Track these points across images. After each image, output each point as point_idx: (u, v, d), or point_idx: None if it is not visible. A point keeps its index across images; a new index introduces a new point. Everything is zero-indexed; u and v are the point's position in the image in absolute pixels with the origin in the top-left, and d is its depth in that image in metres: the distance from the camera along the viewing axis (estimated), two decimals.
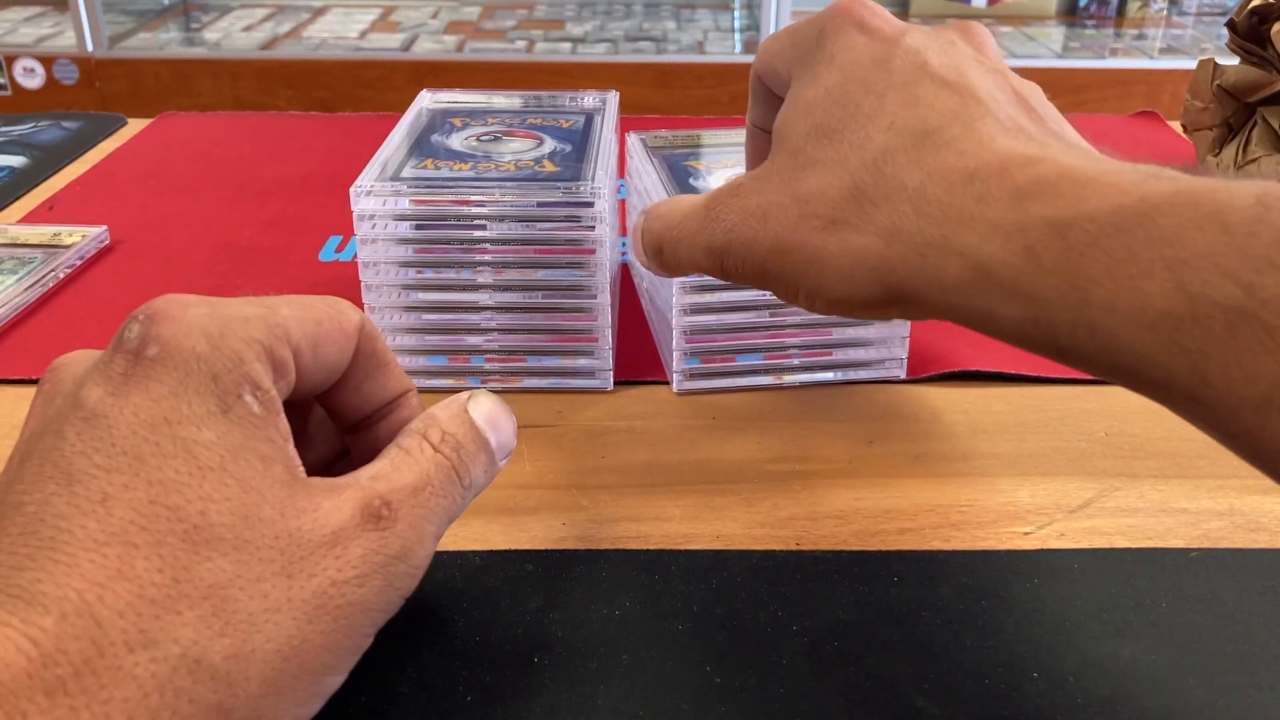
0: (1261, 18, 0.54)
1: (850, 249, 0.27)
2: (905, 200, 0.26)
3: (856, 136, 0.27)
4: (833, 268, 0.27)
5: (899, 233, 0.26)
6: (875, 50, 0.29)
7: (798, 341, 0.43)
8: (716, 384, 0.43)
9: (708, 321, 0.42)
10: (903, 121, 0.27)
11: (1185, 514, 0.36)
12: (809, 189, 0.28)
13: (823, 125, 0.28)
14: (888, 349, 0.43)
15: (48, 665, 0.20)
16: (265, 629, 0.22)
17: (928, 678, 0.29)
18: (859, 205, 0.27)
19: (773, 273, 0.29)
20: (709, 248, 0.31)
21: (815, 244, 0.27)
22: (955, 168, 0.25)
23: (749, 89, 0.35)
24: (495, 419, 0.29)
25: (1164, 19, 2.18)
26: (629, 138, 0.49)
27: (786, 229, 0.28)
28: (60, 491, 0.22)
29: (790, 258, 0.28)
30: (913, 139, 0.26)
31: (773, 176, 0.29)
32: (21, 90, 1.91)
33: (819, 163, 0.28)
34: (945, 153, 0.26)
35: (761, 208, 0.29)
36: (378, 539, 0.24)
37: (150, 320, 0.24)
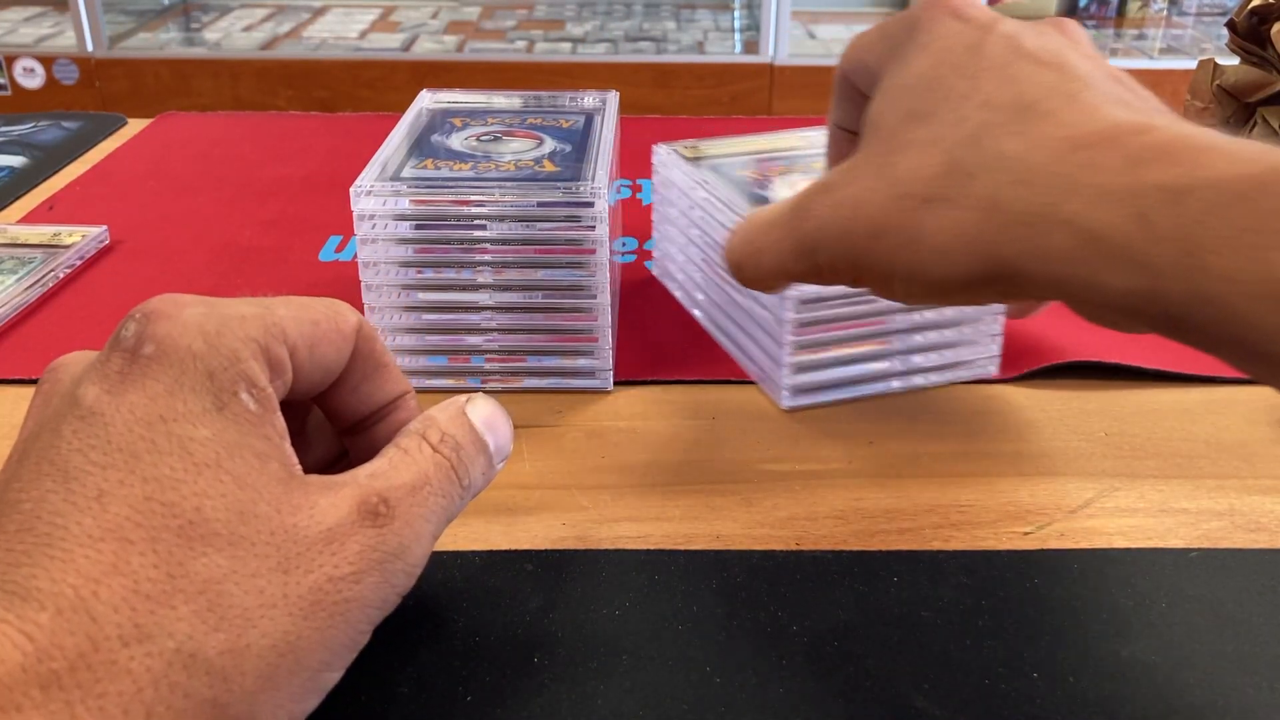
0: (1261, 18, 0.54)
1: (948, 224, 0.26)
2: (1005, 170, 0.25)
3: (951, 115, 0.27)
4: (929, 246, 0.26)
5: (999, 203, 0.25)
6: (968, 36, 0.28)
7: (900, 348, 0.42)
8: (824, 398, 0.42)
9: (815, 335, 0.41)
10: (999, 97, 0.26)
11: (1185, 514, 0.36)
12: (902, 170, 0.27)
13: (916, 110, 0.28)
14: (981, 349, 0.43)
15: (43, 660, 0.20)
16: (261, 624, 0.22)
17: (928, 678, 0.29)
18: (956, 179, 0.26)
19: (866, 261, 0.28)
20: (799, 248, 0.30)
21: (911, 224, 0.26)
22: (1059, 136, 0.24)
23: (833, 88, 0.34)
24: (493, 422, 0.29)
25: (1164, 19, 2.18)
26: (657, 150, 0.49)
27: (881, 213, 0.27)
28: (57, 489, 0.22)
29: (885, 242, 0.27)
30: (1012, 112, 0.26)
31: (863, 165, 0.29)
32: (21, 90, 1.91)
33: (912, 144, 0.27)
34: (1047, 123, 0.25)
35: (853, 197, 0.28)
36: (375, 536, 0.24)
37: (147, 319, 0.24)
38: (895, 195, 0.27)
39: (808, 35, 2.08)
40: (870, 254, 0.28)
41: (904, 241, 0.27)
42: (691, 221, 0.47)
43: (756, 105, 1.90)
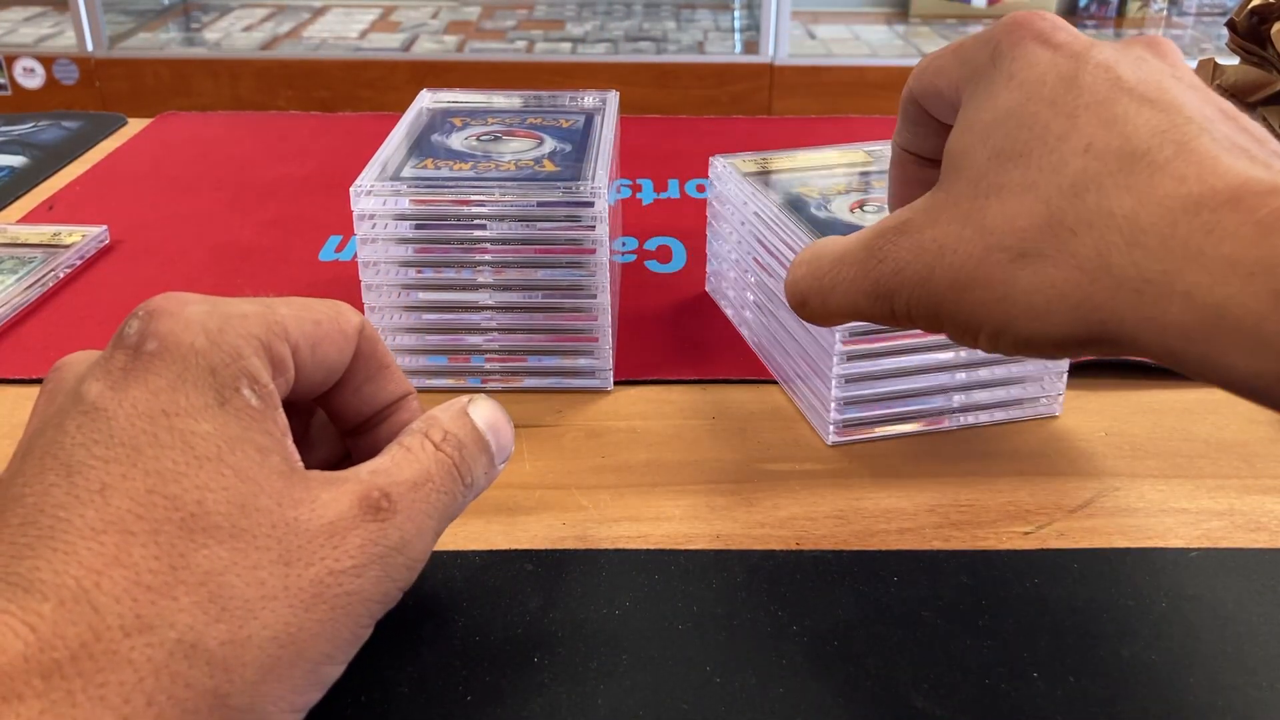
0: (1261, 18, 0.54)
1: (1045, 283, 0.24)
2: (1113, 229, 0.23)
3: (1048, 160, 0.25)
4: (1024, 304, 0.24)
5: (1107, 266, 0.23)
6: (1061, 66, 0.26)
7: (957, 383, 0.40)
8: (874, 434, 0.40)
9: (868, 368, 0.39)
10: (1103, 142, 0.24)
11: (1185, 514, 0.36)
12: (994, 219, 0.25)
13: (1006, 149, 0.26)
14: (1042, 386, 0.41)
15: (45, 650, 0.20)
16: (262, 615, 0.22)
17: (928, 678, 0.29)
18: (1055, 235, 0.24)
19: (949, 312, 0.26)
20: (875, 291, 0.28)
21: (1003, 278, 0.25)
22: (1175, 194, 0.22)
23: (899, 110, 0.32)
24: (495, 422, 0.29)
25: (1164, 19, 2.18)
26: (714, 162, 0.47)
27: (969, 264, 0.25)
28: (60, 482, 0.22)
29: (973, 295, 0.26)
30: (1118, 162, 0.23)
31: (947, 207, 0.27)
32: (21, 90, 1.91)
33: (1004, 189, 0.25)
34: (1160, 177, 0.23)
35: (937, 242, 0.26)
36: (376, 530, 0.24)
37: (149, 316, 0.24)
38: (985, 246, 0.25)
39: (808, 35, 2.08)
40: (954, 305, 0.26)
41: (995, 297, 0.25)
42: (743, 239, 0.45)
43: (756, 105, 1.90)
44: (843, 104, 1.85)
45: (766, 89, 1.90)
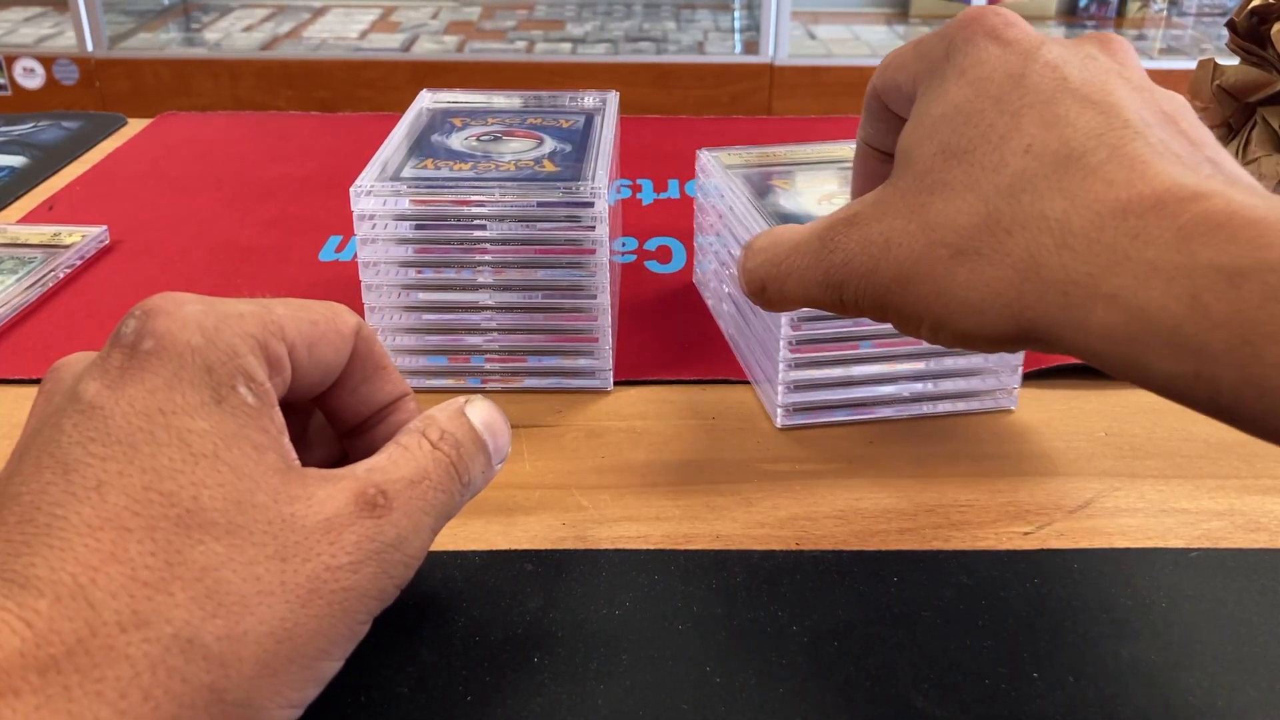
0: (1261, 18, 0.54)
1: (981, 281, 0.25)
2: (1045, 231, 0.24)
3: (990, 159, 0.25)
4: (960, 300, 0.25)
5: (1037, 266, 0.24)
6: (1010, 64, 0.26)
7: (908, 371, 0.40)
8: (821, 419, 0.41)
9: (814, 354, 0.39)
10: (1042, 143, 0.25)
11: (1185, 514, 0.36)
12: (936, 215, 0.26)
13: (951, 145, 0.26)
14: (998, 379, 0.41)
15: (41, 645, 0.20)
16: (258, 611, 0.22)
17: (928, 678, 0.29)
18: (992, 234, 0.25)
19: (893, 304, 0.27)
20: (825, 280, 0.29)
21: (942, 275, 0.26)
22: (1104, 198, 0.23)
23: (864, 105, 0.33)
24: (492, 422, 0.29)
25: (1164, 19, 2.18)
26: (701, 155, 0.48)
27: (911, 258, 0.26)
28: (56, 480, 0.22)
29: (915, 289, 0.26)
30: (1054, 164, 0.24)
31: (895, 201, 0.27)
32: (21, 90, 1.91)
33: (948, 186, 0.26)
34: (1092, 180, 0.23)
35: (883, 235, 0.27)
36: (373, 526, 0.24)
37: (146, 316, 0.24)
38: (927, 242, 0.26)
39: (808, 35, 2.08)
40: (898, 297, 0.27)
41: (934, 291, 0.26)
42: (720, 232, 0.46)
43: (756, 105, 1.90)
44: (842, 104, 1.85)
45: (766, 89, 1.90)
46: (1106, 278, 0.22)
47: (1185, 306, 0.21)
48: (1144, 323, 0.22)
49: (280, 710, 0.23)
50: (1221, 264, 0.21)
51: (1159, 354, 0.22)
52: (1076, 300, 0.23)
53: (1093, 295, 0.23)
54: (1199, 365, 0.21)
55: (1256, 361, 0.20)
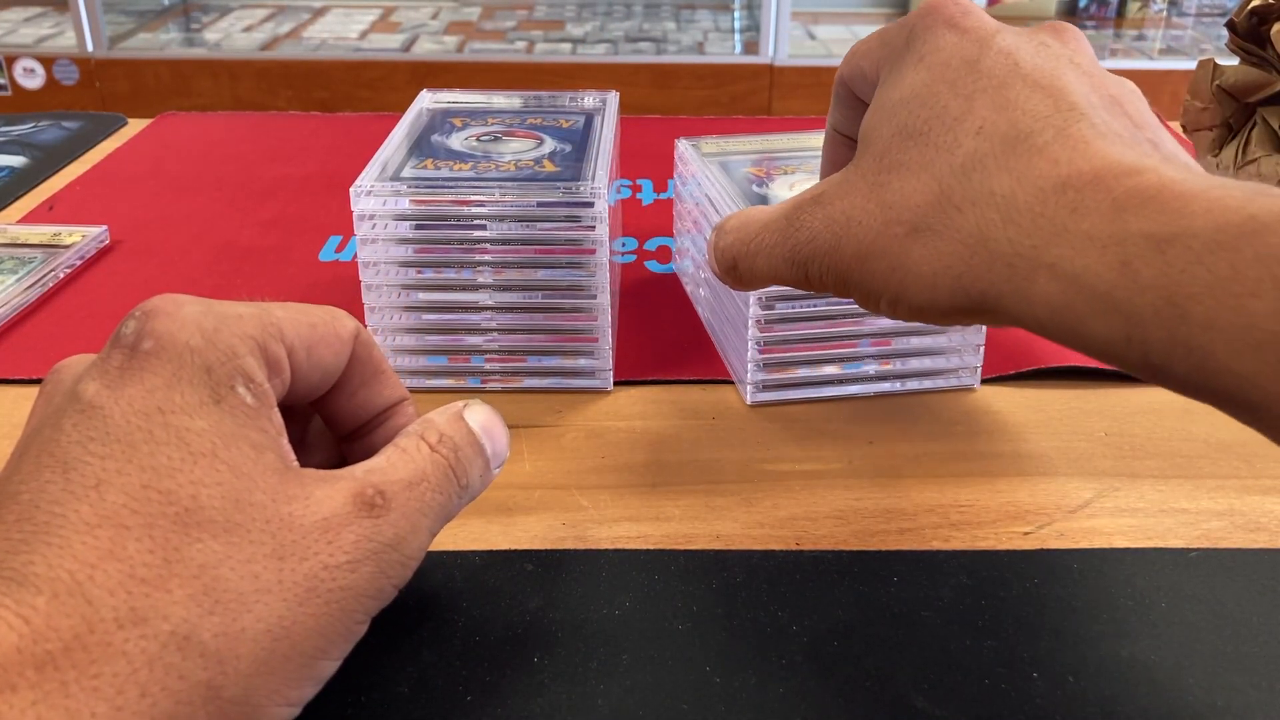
0: (1261, 18, 0.54)
1: (933, 256, 0.26)
2: (993, 208, 0.25)
3: (944, 140, 0.27)
4: (915, 274, 0.27)
5: (985, 241, 0.25)
6: (965, 50, 0.28)
7: (873, 351, 0.42)
8: (790, 395, 0.42)
9: (782, 333, 0.41)
10: (992, 125, 0.26)
11: (1185, 514, 0.36)
12: (893, 194, 0.27)
13: (909, 127, 0.28)
14: (960, 358, 0.43)
15: (38, 641, 0.20)
16: (255, 609, 0.22)
17: (928, 678, 0.29)
18: (944, 211, 0.26)
19: (854, 280, 0.28)
20: (792, 258, 0.30)
21: (897, 251, 0.27)
22: (1048, 175, 0.24)
23: (832, 93, 0.34)
24: (490, 426, 0.29)
25: (1163, 20, 2.18)
26: (678, 144, 0.49)
27: (869, 235, 0.28)
28: (55, 479, 0.22)
29: (872, 265, 0.28)
30: (1003, 144, 0.26)
31: (857, 182, 0.29)
32: (21, 90, 1.91)
33: (904, 166, 0.27)
34: (1037, 159, 0.25)
35: (845, 214, 0.28)
36: (370, 526, 0.24)
37: (146, 317, 0.25)
38: (885, 220, 0.27)
39: (807, 36, 2.08)
40: (859, 273, 0.28)
41: (890, 266, 0.27)
42: (697, 220, 0.47)
43: (756, 106, 1.90)
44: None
45: (766, 89, 1.90)
46: (1047, 249, 0.24)
47: (1116, 272, 0.22)
48: (1080, 289, 0.23)
49: (278, 708, 0.23)
50: (1150, 232, 0.22)
51: (1094, 319, 0.23)
52: (1021, 271, 0.24)
53: (1035, 266, 0.24)
54: (1130, 328, 0.22)
55: (1182, 321, 0.21)
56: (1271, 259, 0.20)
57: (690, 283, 0.51)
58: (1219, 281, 0.21)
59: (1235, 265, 0.21)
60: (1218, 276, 0.21)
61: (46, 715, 0.20)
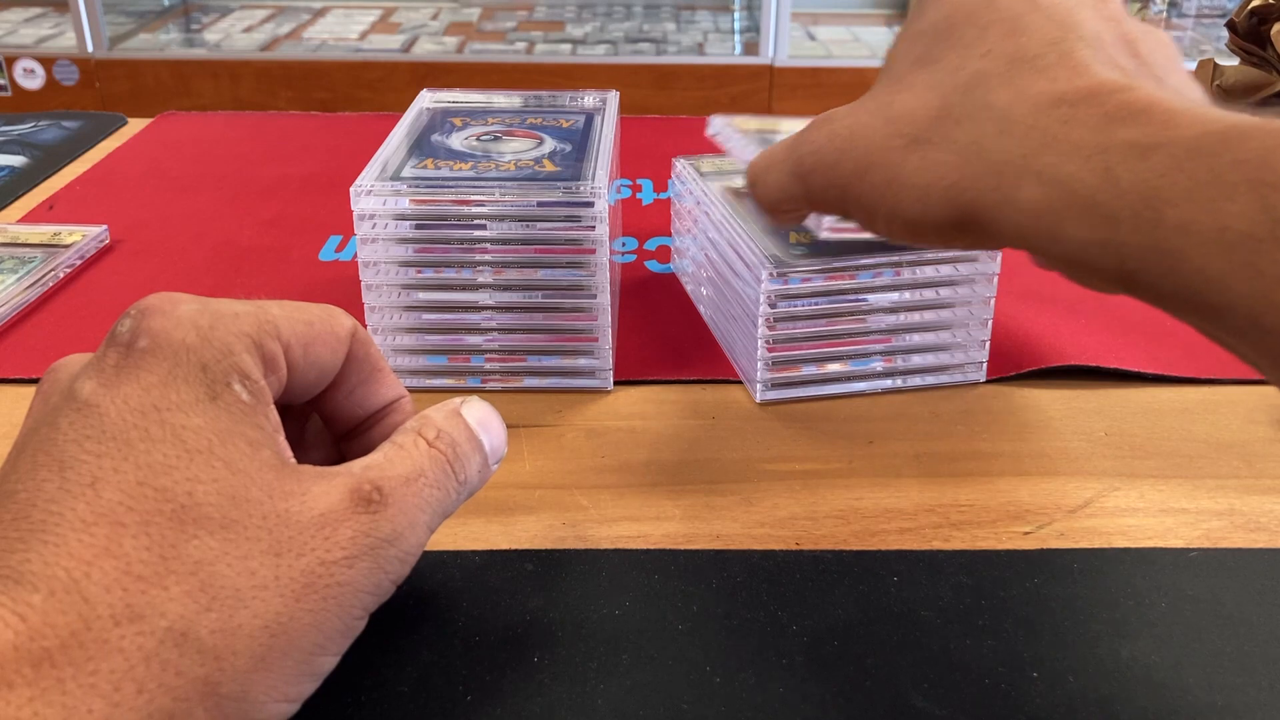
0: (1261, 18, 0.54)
1: (927, 165, 0.27)
2: (989, 120, 0.26)
3: (953, 62, 0.28)
4: (909, 185, 0.27)
5: (979, 150, 0.26)
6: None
7: (880, 348, 0.42)
8: (798, 393, 0.42)
9: (790, 330, 0.41)
10: (1000, 48, 0.27)
11: (1185, 514, 0.36)
12: (898, 109, 0.28)
13: (924, 55, 0.29)
14: (966, 354, 0.43)
15: (35, 639, 0.20)
16: (252, 605, 0.22)
17: (928, 678, 0.29)
18: (942, 124, 0.27)
19: (853, 195, 0.29)
20: (796, 169, 0.31)
21: (895, 161, 0.28)
22: (1045, 91, 0.25)
23: None
24: (487, 422, 0.29)
25: (1164, 20, 2.18)
26: (677, 164, 0.50)
27: (871, 148, 0.28)
28: (52, 477, 0.22)
29: (870, 177, 0.28)
30: (1007, 64, 0.26)
31: (867, 102, 0.30)
32: (21, 91, 1.91)
33: (913, 86, 0.28)
34: (1037, 78, 0.26)
35: (849, 129, 0.29)
36: (367, 522, 0.24)
37: (142, 315, 0.25)
38: (887, 133, 0.28)
39: (807, 36, 2.08)
40: (856, 187, 0.29)
41: (887, 179, 0.28)
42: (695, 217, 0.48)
43: (756, 106, 1.90)
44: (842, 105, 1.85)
45: (766, 90, 1.90)
46: (1036, 157, 0.24)
47: (1099, 178, 0.23)
48: (1063, 193, 0.24)
49: (276, 704, 0.23)
50: (1135, 140, 0.23)
51: (1074, 222, 0.24)
52: (1009, 179, 0.25)
53: (1023, 173, 0.25)
54: (1108, 232, 0.23)
55: (1157, 224, 0.22)
56: (1248, 164, 0.21)
57: (691, 282, 0.51)
58: (1197, 186, 0.21)
59: (1214, 169, 0.21)
60: (1196, 181, 0.22)
61: (44, 712, 0.20)
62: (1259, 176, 0.21)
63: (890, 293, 0.41)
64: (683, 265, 0.52)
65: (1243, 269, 0.21)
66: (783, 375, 0.42)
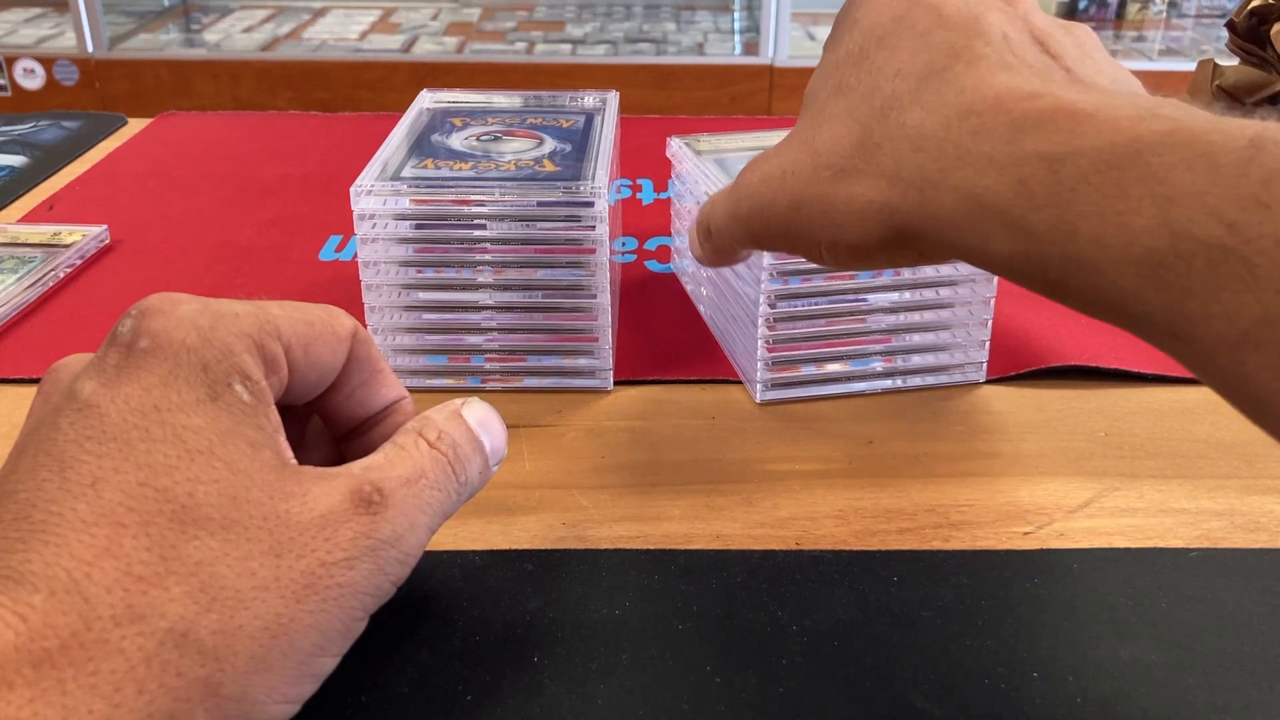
0: (1261, 18, 0.54)
1: (858, 194, 0.27)
2: (905, 140, 0.26)
3: (867, 86, 0.28)
4: (845, 214, 0.27)
5: (899, 172, 0.26)
6: (895, 8, 0.29)
7: (880, 348, 0.42)
8: (799, 393, 0.42)
9: (790, 331, 0.41)
10: (909, 66, 0.27)
11: (1185, 514, 0.36)
12: (822, 143, 0.28)
13: (840, 83, 0.29)
14: (966, 354, 0.43)
15: (35, 639, 0.20)
16: (253, 606, 0.22)
17: (928, 678, 0.29)
18: (865, 151, 0.27)
19: (793, 231, 0.29)
20: (734, 215, 0.31)
21: (827, 194, 0.28)
22: (953, 104, 0.25)
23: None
24: (488, 424, 0.29)
25: (1163, 21, 2.18)
26: (671, 142, 0.50)
27: (801, 184, 0.29)
28: (52, 477, 0.22)
29: (806, 212, 0.29)
30: (917, 81, 0.27)
31: (791, 140, 0.30)
32: (21, 91, 1.91)
33: (834, 117, 0.29)
34: (946, 90, 0.26)
35: (780, 168, 0.30)
36: (368, 523, 0.24)
37: (142, 315, 0.25)
38: (814, 166, 0.28)
39: (807, 37, 2.09)
40: (793, 224, 0.29)
41: (822, 210, 0.28)
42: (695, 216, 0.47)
43: (756, 106, 1.90)
44: None
45: (766, 90, 1.90)
46: (951, 172, 0.25)
47: (1014, 192, 0.23)
48: (983, 209, 0.24)
49: (276, 705, 0.23)
50: (1044, 151, 0.23)
51: (998, 237, 0.24)
52: (931, 196, 0.25)
53: (941, 189, 0.25)
54: (1028, 245, 0.23)
55: (1073, 238, 0.22)
56: (1151, 178, 0.21)
57: (691, 282, 0.51)
58: (1105, 199, 0.22)
59: (1120, 184, 0.22)
60: (1104, 195, 0.22)
61: (44, 713, 0.20)
62: (1161, 191, 0.21)
63: (890, 293, 0.41)
64: (683, 265, 0.52)
65: (1153, 282, 0.21)
66: (783, 375, 0.42)
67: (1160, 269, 0.21)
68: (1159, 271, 0.21)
